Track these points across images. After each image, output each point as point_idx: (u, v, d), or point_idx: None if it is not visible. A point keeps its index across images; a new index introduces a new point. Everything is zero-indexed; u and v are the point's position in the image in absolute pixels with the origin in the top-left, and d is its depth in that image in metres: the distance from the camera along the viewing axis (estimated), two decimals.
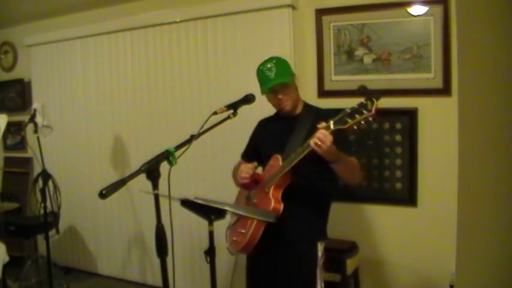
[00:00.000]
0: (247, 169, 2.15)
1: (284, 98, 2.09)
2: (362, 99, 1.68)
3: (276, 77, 2.05)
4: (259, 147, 2.31)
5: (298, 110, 2.17)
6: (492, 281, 2.32)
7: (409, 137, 2.82)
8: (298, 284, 2.07)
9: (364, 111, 1.66)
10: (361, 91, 1.71)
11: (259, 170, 2.28)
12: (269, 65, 2.08)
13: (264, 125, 2.34)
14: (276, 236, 2.00)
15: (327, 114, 1.87)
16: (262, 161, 2.25)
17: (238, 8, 3.20)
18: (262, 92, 2.12)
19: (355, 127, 1.70)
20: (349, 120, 1.69)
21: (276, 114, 2.26)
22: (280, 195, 2.01)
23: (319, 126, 1.77)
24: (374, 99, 1.65)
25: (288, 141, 2.08)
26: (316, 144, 1.76)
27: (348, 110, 1.70)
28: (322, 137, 1.74)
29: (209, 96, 3.38)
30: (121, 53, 3.79)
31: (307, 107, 2.20)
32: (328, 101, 3.00)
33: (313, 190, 2.08)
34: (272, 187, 2.02)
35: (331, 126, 1.73)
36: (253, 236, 2.00)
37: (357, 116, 1.67)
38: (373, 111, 1.65)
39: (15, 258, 3.49)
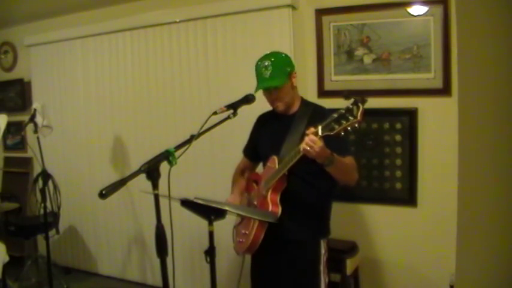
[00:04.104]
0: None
1: (276, 100, 2.10)
2: (348, 104, 1.65)
3: (269, 78, 2.04)
4: (257, 146, 2.32)
5: (295, 108, 2.16)
6: (492, 281, 2.32)
7: (409, 137, 2.82)
8: (303, 282, 2.08)
9: (350, 117, 1.63)
10: (346, 95, 1.67)
11: (259, 168, 2.30)
12: (266, 63, 2.06)
13: (262, 122, 2.34)
14: (278, 237, 2.02)
15: (322, 115, 1.87)
16: (261, 160, 2.29)
17: (238, 8, 3.20)
18: (255, 90, 2.11)
19: (342, 132, 1.68)
20: (336, 127, 1.67)
21: (273, 110, 2.23)
22: (278, 198, 2.02)
23: (307, 132, 1.77)
24: (360, 105, 1.62)
25: (284, 142, 2.09)
26: (305, 149, 1.78)
27: (335, 115, 1.68)
28: (311, 142, 1.75)
29: (209, 96, 3.37)
30: (121, 53, 3.79)
31: (305, 104, 2.18)
32: (328, 101, 2.98)
33: (310, 190, 2.08)
34: (270, 190, 2.03)
35: (320, 133, 1.73)
36: (255, 237, 2.01)
37: (343, 122, 1.65)
38: (359, 117, 1.62)
39: (15, 258, 3.49)
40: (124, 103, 3.83)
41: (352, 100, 1.64)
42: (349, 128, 1.66)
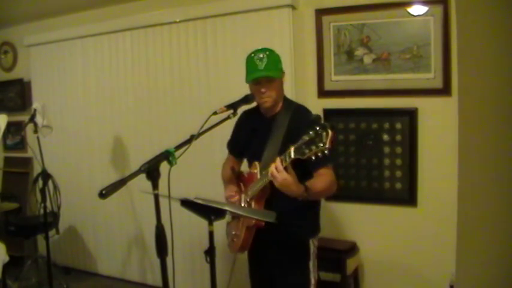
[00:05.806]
0: (231, 192, 2.23)
1: (266, 93, 2.06)
2: (316, 127, 1.64)
3: (264, 69, 2.03)
4: (242, 144, 2.32)
5: (278, 107, 2.14)
6: (492, 281, 2.32)
7: (409, 137, 2.82)
8: (292, 279, 2.10)
9: (320, 144, 1.63)
10: (315, 120, 1.68)
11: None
12: (261, 55, 2.05)
13: (246, 120, 2.32)
14: (267, 238, 2.05)
15: (301, 121, 1.91)
16: (246, 157, 2.33)
17: (238, 8, 3.20)
18: (247, 80, 2.11)
19: (313, 157, 1.67)
20: (306, 151, 1.67)
21: (257, 107, 2.22)
22: (262, 206, 2.04)
23: (276, 159, 1.81)
24: (329, 130, 1.61)
25: (266, 147, 2.10)
26: (271, 177, 1.83)
27: (306, 138, 1.67)
28: (275, 172, 1.80)
29: (209, 96, 3.37)
30: (121, 53, 3.79)
31: (287, 104, 2.16)
32: (328, 101, 3.01)
33: None
34: (253, 201, 2.05)
35: (292, 155, 1.73)
36: (244, 240, 2.06)
37: (313, 147, 1.64)
38: (328, 144, 1.61)
39: (15, 258, 3.49)
40: (124, 103, 3.83)
41: (322, 124, 1.64)
42: (319, 154, 1.64)
